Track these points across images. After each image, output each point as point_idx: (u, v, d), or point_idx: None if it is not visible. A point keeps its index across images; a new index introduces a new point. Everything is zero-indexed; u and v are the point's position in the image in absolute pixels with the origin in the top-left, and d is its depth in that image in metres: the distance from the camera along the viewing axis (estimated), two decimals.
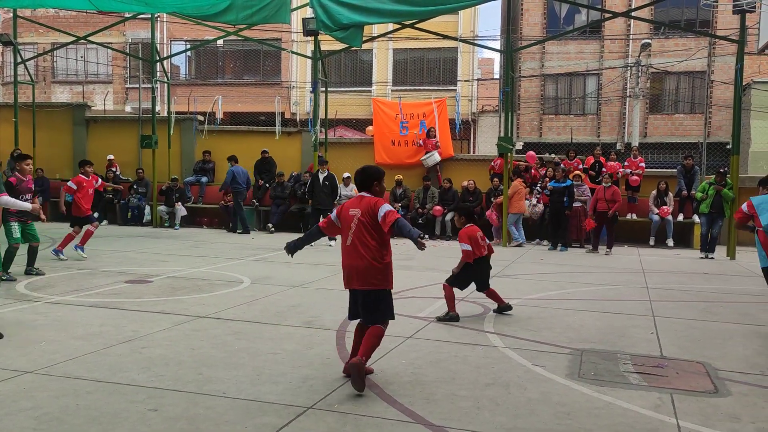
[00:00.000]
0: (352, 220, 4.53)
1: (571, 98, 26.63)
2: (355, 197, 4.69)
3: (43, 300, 7.09)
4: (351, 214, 4.55)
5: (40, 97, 22.39)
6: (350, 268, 4.55)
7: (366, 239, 4.49)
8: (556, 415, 4.05)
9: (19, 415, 3.80)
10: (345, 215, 4.60)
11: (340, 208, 4.71)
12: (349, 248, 4.55)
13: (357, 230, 4.51)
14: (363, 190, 4.69)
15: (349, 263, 4.56)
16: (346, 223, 4.58)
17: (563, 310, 7.26)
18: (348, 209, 4.60)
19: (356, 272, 4.52)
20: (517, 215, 14.14)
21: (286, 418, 3.88)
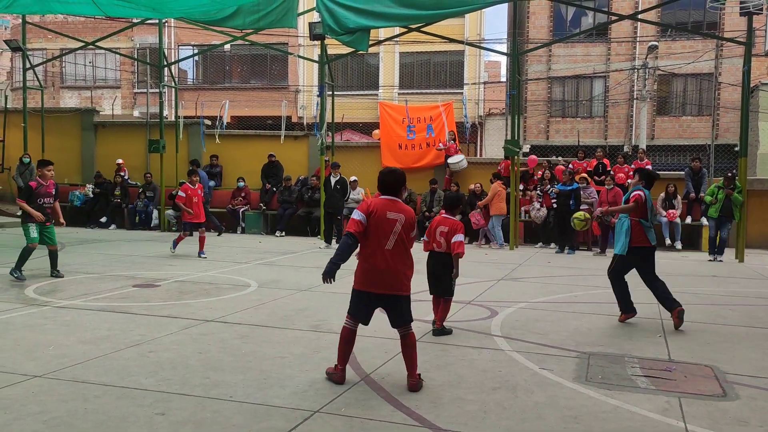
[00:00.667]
0: (394, 225, 4.49)
1: (578, 101, 26.58)
2: (385, 200, 4.60)
3: (51, 304, 7.13)
4: (390, 218, 4.50)
5: (49, 103, 22.55)
6: (387, 272, 4.49)
7: (406, 246, 4.57)
8: (563, 419, 4.04)
9: (27, 419, 3.82)
10: (382, 218, 4.49)
11: (369, 209, 4.52)
12: (391, 252, 4.49)
13: (400, 236, 4.52)
14: (391, 194, 4.64)
15: (387, 267, 4.48)
16: (384, 227, 4.49)
17: (571, 314, 7.24)
18: (384, 212, 4.50)
19: (394, 277, 4.51)
20: (500, 216, 14.23)
21: (293, 421, 3.89)
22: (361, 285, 4.57)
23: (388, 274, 4.50)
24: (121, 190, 17.06)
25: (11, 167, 18.25)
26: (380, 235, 4.48)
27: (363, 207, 4.57)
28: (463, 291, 8.55)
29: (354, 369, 4.98)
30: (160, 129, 17.06)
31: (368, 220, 4.50)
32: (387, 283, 4.52)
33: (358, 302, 4.62)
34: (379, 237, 4.48)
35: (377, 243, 4.48)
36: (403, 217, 4.54)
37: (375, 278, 4.52)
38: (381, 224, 4.48)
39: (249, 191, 16.87)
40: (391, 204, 4.58)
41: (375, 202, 4.60)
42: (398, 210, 4.55)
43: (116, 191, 17.02)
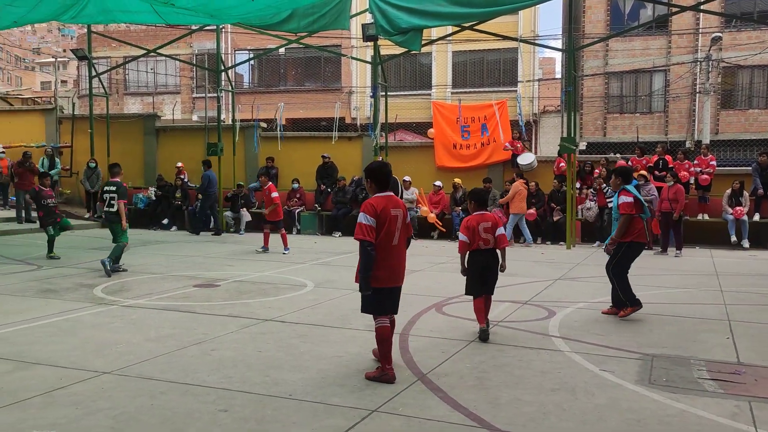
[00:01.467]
0: (397, 221, 4.62)
1: (636, 96, 25.84)
2: (382, 196, 4.67)
3: (118, 303, 7.41)
4: (393, 215, 4.61)
5: (113, 109, 23.40)
6: (398, 267, 4.74)
7: (403, 239, 4.76)
8: (626, 422, 3.94)
9: (98, 415, 3.99)
10: (388, 216, 4.57)
11: (375, 209, 4.56)
12: (397, 248, 4.67)
13: (401, 231, 4.69)
14: (385, 189, 4.71)
15: (398, 263, 4.73)
16: (391, 224, 4.59)
17: (632, 314, 7.03)
18: (389, 209, 4.60)
19: (401, 270, 4.79)
20: (518, 216, 14.10)
21: (351, 420, 3.93)
22: (382, 282, 4.66)
23: (398, 268, 4.75)
24: (181, 192, 17.55)
25: (79, 172, 19.04)
26: (389, 233, 4.61)
27: (370, 210, 4.57)
28: (519, 291, 8.47)
29: (410, 368, 4.99)
30: (218, 132, 17.47)
31: (378, 219, 4.57)
32: (398, 276, 4.78)
33: (384, 299, 4.74)
34: (388, 235, 4.61)
35: (388, 241, 4.62)
36: (401, 212, 4.71)
37: (392, 274, 4.71)
38: (389, 223, 4.60)
39: (304, 192, 17.10)
40: (389, 200, 4.67)
41: (377, 201, 4.62)
42: (396, 205, 4.69)
43: (177, 194, 17.52)
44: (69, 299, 7.60)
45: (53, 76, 42.58)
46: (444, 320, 6.73)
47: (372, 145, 16.01)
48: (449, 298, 7.92)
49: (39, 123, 20.49)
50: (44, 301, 7.46)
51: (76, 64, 31.06)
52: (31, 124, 20.51)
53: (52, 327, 6.23)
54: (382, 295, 4.70)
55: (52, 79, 50.62)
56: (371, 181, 4.73)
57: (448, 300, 7.78)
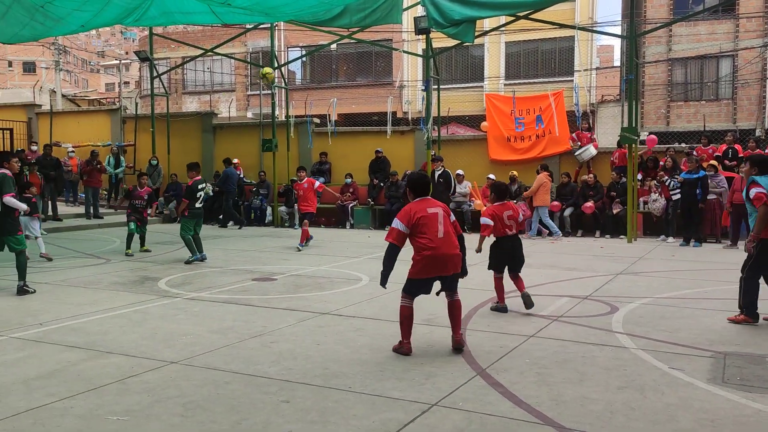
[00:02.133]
0: (437, 217, 5.19)
1: (702, 83, 24.85)
2: (420, 201, 5.30)
3: (182, 296, 7.61)
4: (432, 212, 5.21)
5: (172, 108, 24.00)
6: (447, 257, 5.19)
7: (452, 231, 5.27)
8: (699, 422, 3.79)
9: (167, 402, 4.11)
10: (425, 214, 5.17)
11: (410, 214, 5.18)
12: (443, 240, 5.17)
13: (446, 223, 5.23)
14: (422, 195, 5.37)
15: (444, 252, 5.17)
16: (430, 217, 5.17)
17: (701, 310, 6.79)
18: (425, 209, 5.21)
19: (449, 258, 5.21)
20: (544, 208, 14.12)
21: (411, 414, 3.91)
22: (423, 274, 5.23)
23: (446, 258, 5.18)
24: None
25: (141, 169, 19.65)
26: (432, 228, 5.15)
27: (404, 218, 5.20)
28: (579, 285, 8.28)
29: (469, 363, 4.94)
30: (272, 129, 17.72)
31: (414, 222, 5.16)
32: (447, 265, 5.20)
33: (421, 287, 5.32)
34: (431, 230, 5.14)
35: (433, 235, 5.14)
36: (440, 209, 5.28)
37: (436, 264, 5.17)
38: (428, 221, 5.15)
39: (357, 187, 17.17)
40: (425, 202, 5.30)
41: (412, 207, 5.27)
42: (432, 205, 5.29)
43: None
44: (137, 291, 7.86)
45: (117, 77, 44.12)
46: (501, 315, 6.64)
47: (424, 139, 15.93)
48: (506, 292, 7.79)
49: (104, 123, 21.26)
50: (114, 293, 7.74)
51: (138, 65, 32.06)
52: (97, 125, 21.30)
53: (123, 318, 6.46)
54: (421, 284, 5.30)
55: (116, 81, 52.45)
56: (410, 190, 5.41)
57: (506, 294, 7.65)
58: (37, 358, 5.07)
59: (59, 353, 5.21)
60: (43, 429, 3.70)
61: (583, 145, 15.72)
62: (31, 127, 21.69)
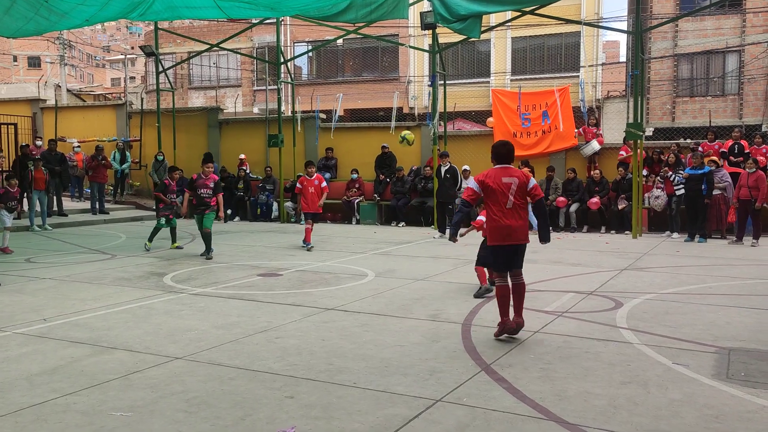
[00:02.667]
0: (510, 188, 5.33)
1: (708, 78, 24.71)
2: (499, 168, 5.42)
3: (186, 291, 7.64)
4: (506, 182, 5.33)
5: (178, 103, 24.06)
6: (513, 228, 5.34)
7: (522, 204, 5.38)
8: (703, 417, 3.79)
9: (172, 398, 4.12)
10: (499, 183, 5.33)
11: (484, 179, 5.36)
12: (511, 211, 5.34)
13: (517, 195, 5.35)
14: (505, 162, 5.45)
15: (509, 223, 5.34)
16: (501, 190, 5.32)
17: (705, 306, 6.77)
18: (500, 178, 5.34)
19: (516, 230, 5.35)
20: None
21: (415, 409, 3.92)
22: (494, 241, 5.43)
23: (512, 229, 5.34)
24: (243, 183, 17.92)
25: (147, 164, 19.70)
26: (502, 197, 5.31)
27: (479, 179, 5.39)
28: (583, 281, 8.27)
29: (473, 359, 4.95)
30: (278, 124, 17.73)
31: (485, 187, 5.35)
32: (512, 235, 5.36)
33: (498, 256, 5.48)
34: (501, 199, 5.32)
35: (501, 204, 5.32)
36: (517, 180, 5.36)
37: (503, 233, 5.36)
38: (499, 188, 5.31)
39: (363, 182, 17.17)
40: (505, 171, 5.41)
41: (490, 171, 5.40)
42: (510, 175, 5.38)
43: (239, 185, 17.89)
44: (141, 287, 7.89)
45: (122, 72, 44.20)
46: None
47: (430, 135, 15.90)
48: None
49: (110, 118, 21.32)
50: (119, 289, 7.77)
51: (143, 60, 32.10)
52: (102, 120, 21.36)
53: (127, 313, 6.49)
54: (497, 252, 5.47)
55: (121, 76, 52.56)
56: (493, 157, 5.54)
57: None
58: (41, 354, 5.09)
59: (63, 349, 5.23)
60: (46, 425, 3.72)
61: (588, 140, 15.68)
62: (36, 122, 21.77)
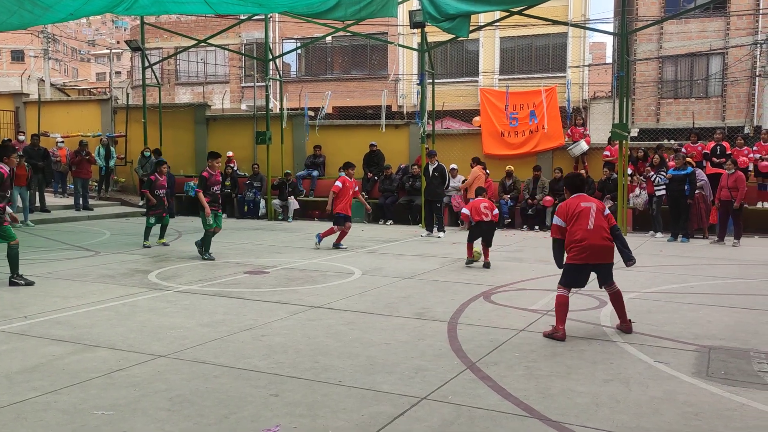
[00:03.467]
0: (589, 211, 5.75)
1: (692, 80, 24.96)
2: (575, 197, 5.89)
3: (172, 289, 7.60)
4: (585, 207, 5.77)
5: (165, 99, 23.89)
6: (597, 247, 5.69)
7: (604, 224, 5.76)
8: (683, 415, 3.84)
9: (155, 396, 4.11)
10: (578, 209, 5.76)
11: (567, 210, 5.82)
12: (593, 231, 5.70)
13: (597, 218, 5.74)
14: (578, 191, 5.97)
15: (594, 243, 5.68)
16: (581, 212, 5.75)
17: (687, 305, 6.85)
18: (579, 203, 5.80)
19: (600, 249, 5.69)
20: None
21: (400, 407, 3.94)
22: (577, 260, 5.70)
23: (596, 248, 5.67)
24: (230, 180, 17.84)
25: (133, 161, 19.57)
26: (583, 220, 5.73)
27: (561, 214, 5.84)
28: None
29: (459, 357, 4.97)
30: (266, 121, 17.67)
31: (570, 216, 5.76)
32: (597, 254, 5.68)
33: (576, 274, 5.77)
34: (583, 222, 5.73)
35: (583, 226, 5.72)
36: (594, 204, 5.84)
37: (587, 253, 5.66)
38: (581, 214, 5.74)
39: None
40: (579, 198, 5.89)
41: (569, 202, 5.91)
42: (586, 200, 5.87)
43: (226, 182, 17.81)
44: (126, 284, 7.84)
45: (108, 67, 43.82)
46: (492, 309, 6.68)
47: (419, 133, 15.93)
48: (497, 287, 7.86)
49: (95, 113, 21.12)
50: (103, 286, 7.71)
51: (129, 55, 31.85)
52: (87, 115, 21.16)
53: (111, 311, 6.44)
54: (577, 271, 5.74)
55: (106, 71, 52.09)
56: (566, 188, 6.09)
57: (496, 289, 7.72)
58: (21, 352, 5.04)
59: (44, 347, 5.18)
60: (26, 423, 3.69)
61: (575, 140, 15.78)
62: (19, 116, 21.53)
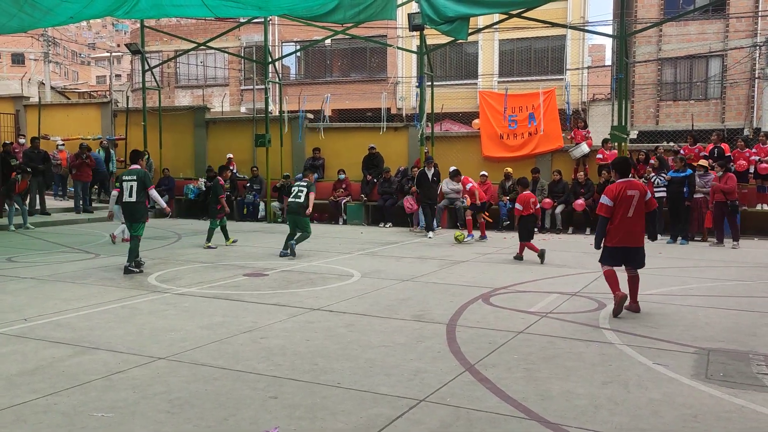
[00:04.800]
0: (632, 200, 6.31)
1: (691, 82, 25.00)
2: (623, 182, 6.43)
3: (171, 291, 7.61)
4: (630, 194, 6.33)
5: (164, 102, 23.90)
6: (631, 232, 6.35)
7: (642, 212, 6.38)
8: (682, 417, 3.84)
9: (154, 399, 4.11)
10: (624, 195, 6.33)
11: (615, 193, 6.36)
12: (632, 219, 6.33)
13: (638, 206, 6.33)
14: (626, 176, 6.50)
15: (630, 228, 6.33)
16: (626, 200, 6.31)
17: (686, 307, 6.86)
18: (626, 191, 6.34)
19: (635, 235, 6.39)
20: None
21: (399, 410, 3.94)
22: (613, 243, 6.41)
23: (633, 234, 6.37)
24: (230, 183, 17.84)
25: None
26: (625, 207, 6.31)
27: (609, 194, 6.38)
28: (568, 282, 8.34)
29: (458, 359, 4.98)
30: (265, 124, 17.69)
31: (617, 199, 6.31)
32: (630, 239, 6.37)
33: (611, 256, 6.48)
34: (624, 209, 6.31)
35: (624, 213, 6.31)
36: (638, 192, 6.37)
37: (626, 237, 6.35)
38: (625, 200, 6.32)
39: (350, 183, 17.17)
40: (627, 184, 6.42)
41: (616, 186, 6.41)
42: (633, 187, 6.40)
43: (226, 184, 17.79)
44: (125, 287, 7.84)
45: (108, 70, 43.87)
46: (491, 311, 6.68)
47: (418, 136, 15.95)
48: (496, 289, 7.86)
49: (95, 116, 21.15)
50: (102, 288, 7.72)
51: (129, 58, 31.86)
52: (87, 118, 21.18)
53: (110, 313, 6.45)
54: (613, 252, 6.44)
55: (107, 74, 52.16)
56: (615, 171, 6.63)
57: (495, 291, 7.72)
58: (21, 354, 5.05)
59: (43, 349, 5.19)
60: (25, 425, 3.69)
61: (578, 142, 15.79)
62: (19, 119, 21.55)
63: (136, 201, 8.94)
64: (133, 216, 9.04)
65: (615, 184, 6.49)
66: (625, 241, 6.37)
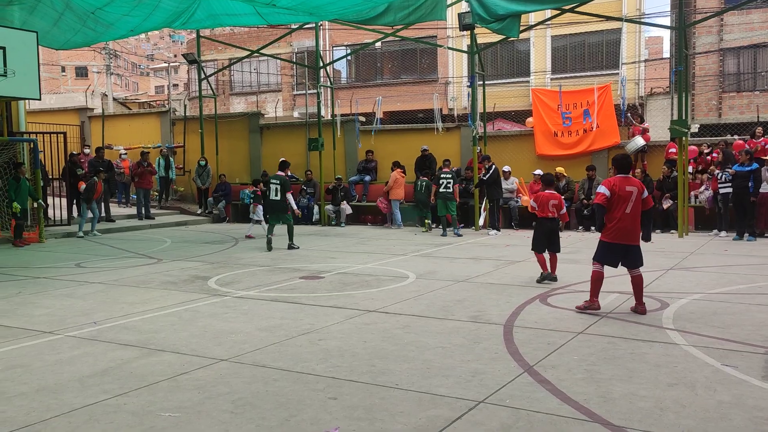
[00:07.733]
0: (630, 196, 6.23)
1: (756, 73, 23.96)
2: (621, 177, 6.34)
3: (231, 294, 7.79)
4: (629, 190, 6.24)
5: (220, 109, 24.49)
6: (629, 229, 6.28)
7: (639, 209, 6.29)
8: (753, 420, 3.70)
9: (218, 399, 4.22)
10: (622, 191, 6.24)
11: (612, 186, 6.25)
12: (629, 216, 6.23)
13: (636, 202, 6.23)
14: (624, 173, 6.39)
15: (627, 225, 6.25)
16: (624, 196, 6.22)
17: (755, 306, 6.59)
18: (624, 186, 6.26)
19: (632, 232, 6.30)
20: (397, 202, 16.07)
21: (458, 411, 3.93)
22: (610, 239, 6.32)
23: (628, 230, 6.26)
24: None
25: (191, 170, 20.14)
26: (622, 203, 6.22)
27: (607, 185, 6.29)
28: (627, 281, 8.08)
29: (516, 360, 4.92)
30: (318, 128, 17.90)
31: (614, 192, 6.21)
32: (628, 236, 6.28)
33: (608, 252, 6.37)
34: (621, 205, 6.22)
35: (620, 209, 6.22)
36: (636, 189, 6.28)
37: (622, 234, 6.26)
38: (622, 195, 6.22)
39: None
40: (626, 180, 6.33)
41: (615, 180, 6.31)
42: (631, 184, 6.30)
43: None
44: (187, 290, 8.08)
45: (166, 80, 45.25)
46: (549, 311, 6.58)
47: (470, 136, 15.84)
48: (554, 289, 7.74)
49: (155, 125, 21.86)
50: (165, 292, 7.97)
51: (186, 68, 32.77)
52: (147, 127, 21.92)
53: (174, 316, 6.65)
54: (609, 249, 6.36)
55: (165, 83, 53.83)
56: (614, 168, 6.49)
57: (552, 291, 7.60)
58: (92, 356, 5.26)
59: (112, 351, 5.39)
60: (98, 425, 3.84)
61: (635, 134, 15.39)
62: (84, 130, 22.49)
63: (279, 199, 11.81)
64: (278, 210, 11.88)
65: (613, 177, 6.44)
66: (623, 238, 6.29)
